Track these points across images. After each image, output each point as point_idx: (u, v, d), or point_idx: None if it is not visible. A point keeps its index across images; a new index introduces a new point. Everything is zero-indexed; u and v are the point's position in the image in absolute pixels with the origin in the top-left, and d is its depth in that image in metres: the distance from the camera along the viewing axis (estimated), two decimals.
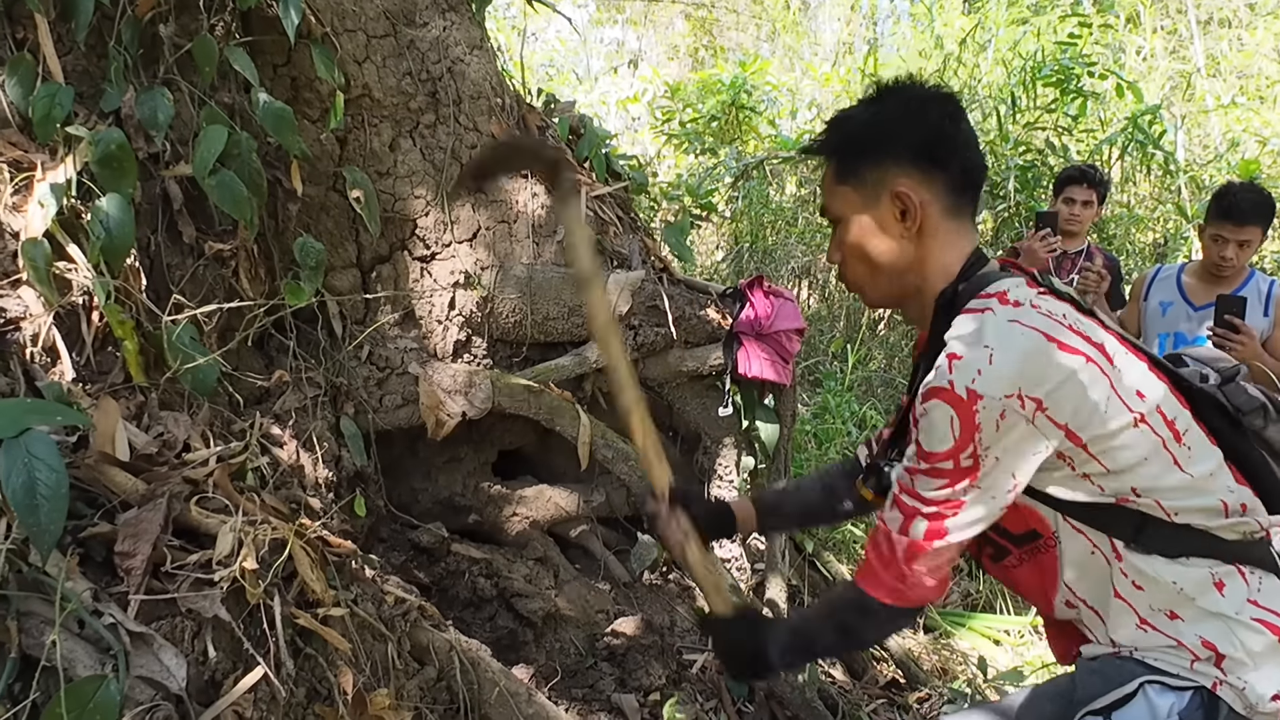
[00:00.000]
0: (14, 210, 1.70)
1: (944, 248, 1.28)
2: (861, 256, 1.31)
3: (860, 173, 1.27)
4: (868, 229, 1.28)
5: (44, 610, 1.28)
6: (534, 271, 2.59)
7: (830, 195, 1.33)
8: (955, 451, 1.14)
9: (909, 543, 1.21)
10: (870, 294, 1.37)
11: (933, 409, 1.15)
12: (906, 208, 1.25)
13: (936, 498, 1.18)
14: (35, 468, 1.28)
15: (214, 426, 1.86)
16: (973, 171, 1.28)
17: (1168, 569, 1.21)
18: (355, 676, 1.60)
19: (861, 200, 1.28)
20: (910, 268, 1.29)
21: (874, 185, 1.26)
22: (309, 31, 2.21)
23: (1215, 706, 1.20)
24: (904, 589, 1.23)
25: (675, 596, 2.95)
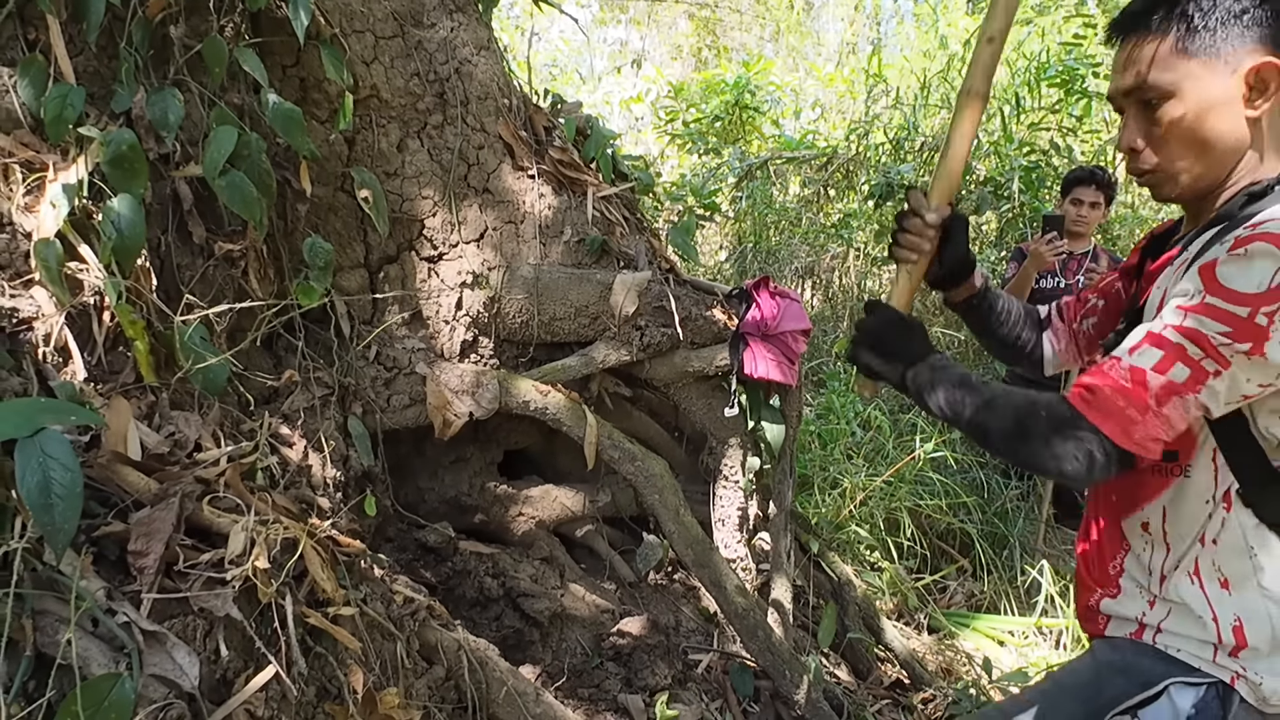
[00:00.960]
0: (26, 211, 1.71)
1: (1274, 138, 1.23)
2: (1192, 135, 1.23)
3: (1216, 44, 1.20)
4: (1212, 105, 1.21)
5: (58, 609, 1.29)
6: (541, 272, 2.59)
7: (1159, 68, 1.23)
8: (1260, 301, 1.06)
9: (1166, 382, 1.11)
10: (1185, 180, 1.28)
11: (1259, 250, 1.07)
12: (1263, 85, 1.18)
13: (1214, 342, 1.09)
14: (50, 467, 1.29)
15: (224, 426, 1.87)
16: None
17: (1257, 534, 1.21)
18: (365, 675, 1.61)
19: (1210, 74, 1.20)
20: (1239, 151, 1.23)
21: (1229, 58, 1.19)
22: (318, 33, 2.22)
23: (1229, 699, 1.23)
24: (1138, 423, 1.12)
25: (681, 596, 2.96)
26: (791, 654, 2.50)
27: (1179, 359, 1.11)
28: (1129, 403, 1.12)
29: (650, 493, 2.54)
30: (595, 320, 2.61)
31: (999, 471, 4.57)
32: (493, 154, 2.61)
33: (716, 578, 2.52)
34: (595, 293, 2.58)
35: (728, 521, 2.83)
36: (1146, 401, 1.12)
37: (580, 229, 2.68)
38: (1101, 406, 1.14)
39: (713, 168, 7.78)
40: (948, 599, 3.91)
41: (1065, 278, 4.26)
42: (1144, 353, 1.14)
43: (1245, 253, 1.08)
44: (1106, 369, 1.17)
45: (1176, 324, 1.13)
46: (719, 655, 2.72)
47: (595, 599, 2.72)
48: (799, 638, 2.85)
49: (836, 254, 7.26)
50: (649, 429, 2.92)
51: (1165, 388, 1.11)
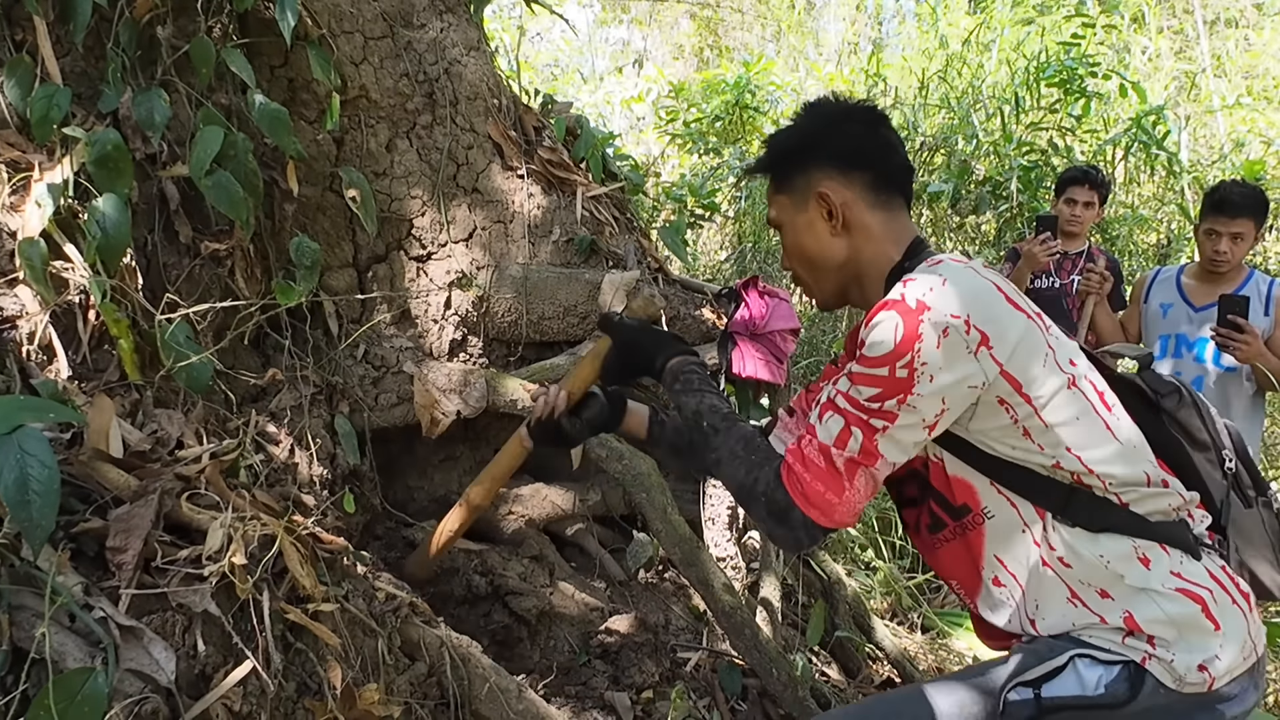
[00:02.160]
0: (11, 210, 1.72)
1: (877, 238, 1.38)
2: (801, 256, 1.43)
3: (791, 180, 1.41)
4: (802, 230, 1.41)
5: (35, 604, 1.30)
6: (529, 271, 2.61)
7: (771, 205, 1.46)
8: (893, 358, 1.18)
9: (848, 457, 1.23)
10: (817, 293, 1.47)
11: (880, 317, 1.20)
12: (830, 207, 1.36)
13: (870, 405, 1.21)
14: (28, 464, 1.30)
15: (209, 424, 1.89)
16: (895, 170, 1.40)
17: (1092, 543, 1.25)
18: (344, 671, 1.62)
19: (794, 205, 1.41)
20: (846, 261, 1.39)
21: (801, 190, 1.39)
22: (306, 33, 2.24)
23: (1141, 679, 1.23)
24: (836, 506, 1.25)
25: (670, 595, 2.97)
26: (779, 652, 2.51)
27: (852, 426, 1.23)
28: (827, 486, 1.25)
29: (638, 491, 2.54)
30: (584, 319, 2.62)
31: None
32: (482, 154, 2.63)
33: (704, 576, 2.53)
34: (584, 292, 2.59)
35: (717, 520, 2.84)
36: (840, 482, 1.24)
37: (569, 229, 2.70)
38: (808, 497, 1.26)
39: (713, 167, 7.78)
40: (942, 599, 3.91)
41: (1060, 278, 4.26)
42: (826, 423, 1.26)
43: (872, 323, 1.21)
44: (805, 445, 1.28)
45: (843, 391, 1.25)
46: (708, 653, 2.72)
47: (584, 597, 2.72)
48: (788, 636, 2.86)
49: None
50: None
51: (849, 463, 1.24)
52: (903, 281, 1.22)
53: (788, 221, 1.43)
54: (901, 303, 1.19)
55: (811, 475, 1.26)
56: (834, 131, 1.39)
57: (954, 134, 6.68)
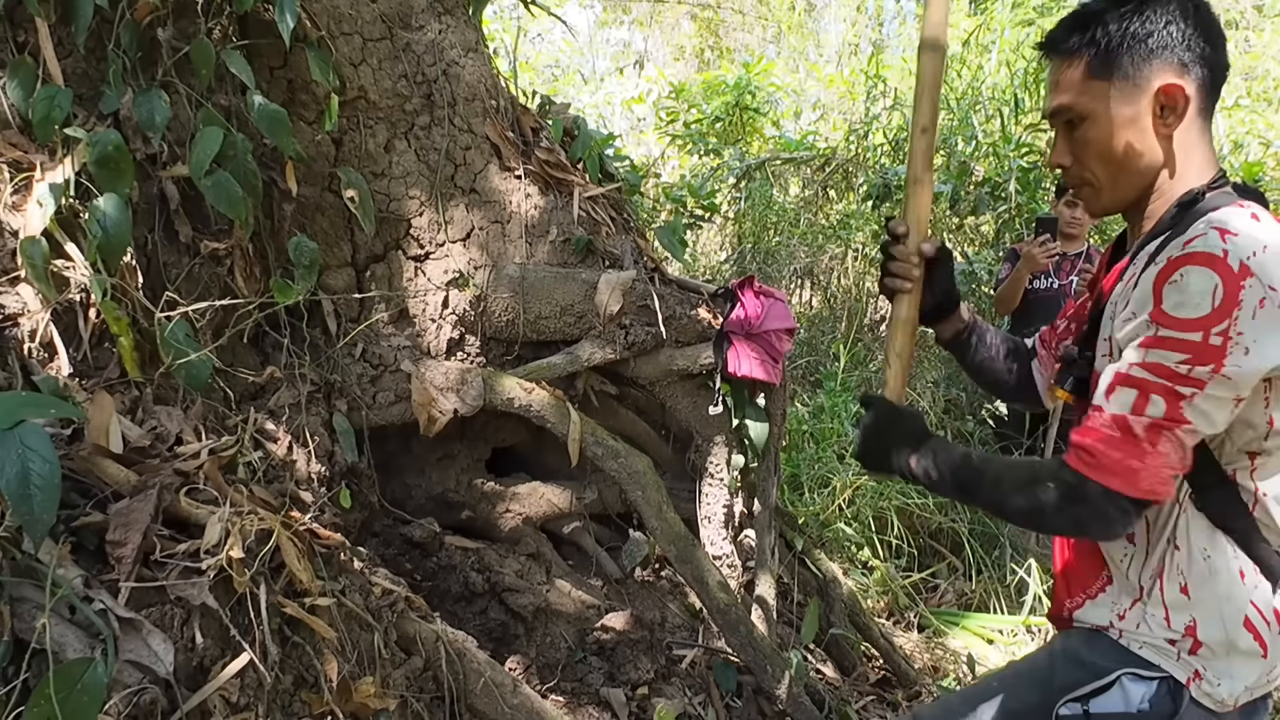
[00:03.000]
0: (13, 209, 1.75)
1: (1194, 149, 1.28)
2: (1110, 155, 1.29)
3: (1124, 67, 1.25)
4: (1125, 123, 1.26)
5: (36, 596, 1.32)
6: (527, 271, 2.63)
7: (1075, 91, 1.29)
8: (1208, 323, 1.09)
9: (1149, 421, 1.14)
10: (1107, 196, 1.34)
11: (1192, 274, 1.10)
12: (1171, 104, 1.24)
13: (1178, 370, 1.12)
14: (29, 458, 1.32)
15: (207, 421, 1.91)
16: (1224, 71, 1.28)
17: (1209, 536, 1.24)
18: (341, 664, 1.65)
19: (1121, 95, 1.26)
20: (1158, 166, 1.28)
21: (1138, 80, 1.25)
22: (305, 35, 2.26)
23: (1180, 695, 1.26)
24: (1140, 471, 1.14)
25: (666, 593, 2.99)
26: (773, 649, 2.53)
27: (1152, 393, 1.14)
28: (1125, 453, 1.15)
29: (633, 489, 2.57)
30: (581, 319, 2.64)
31: None
32: (480, 154, 2.65)
33: (699, 573, 2.55)
34: (580, 292, 2.61)
35: (713, 519, 2.86)
36: (1141, 446, 1.14)
37: (566, 229, 2.72)
38: (1102, 465, 1.16)
39: (713, 168, 7.80)
40: (938, 598, 3.93)
41: (1059, 279, 4.28)
42: (1118, 396, 1.17)
43: (1180, 277, 1.12)
44: (1093, 423, 1.19)
45: (1139, 361, 1.16)
46: (703, 651, 2.74)
47: (580, 594, 2.75)
48: (783, 634, 2.88)
49: (835, 255, 7.28)
50: (635, 427, 2.95)
51: (1150, 428, 1.14)
52: (1219, 232, 1.11)
53: (1099, 112, 1.27)
54: (1223, 261, 1.08)
55: (1105, 445, 1.16)
56: (1183, 18, 1.24)
57: (953, 135, 6.70)
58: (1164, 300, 1.13)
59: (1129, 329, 1.20)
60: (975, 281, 6.02)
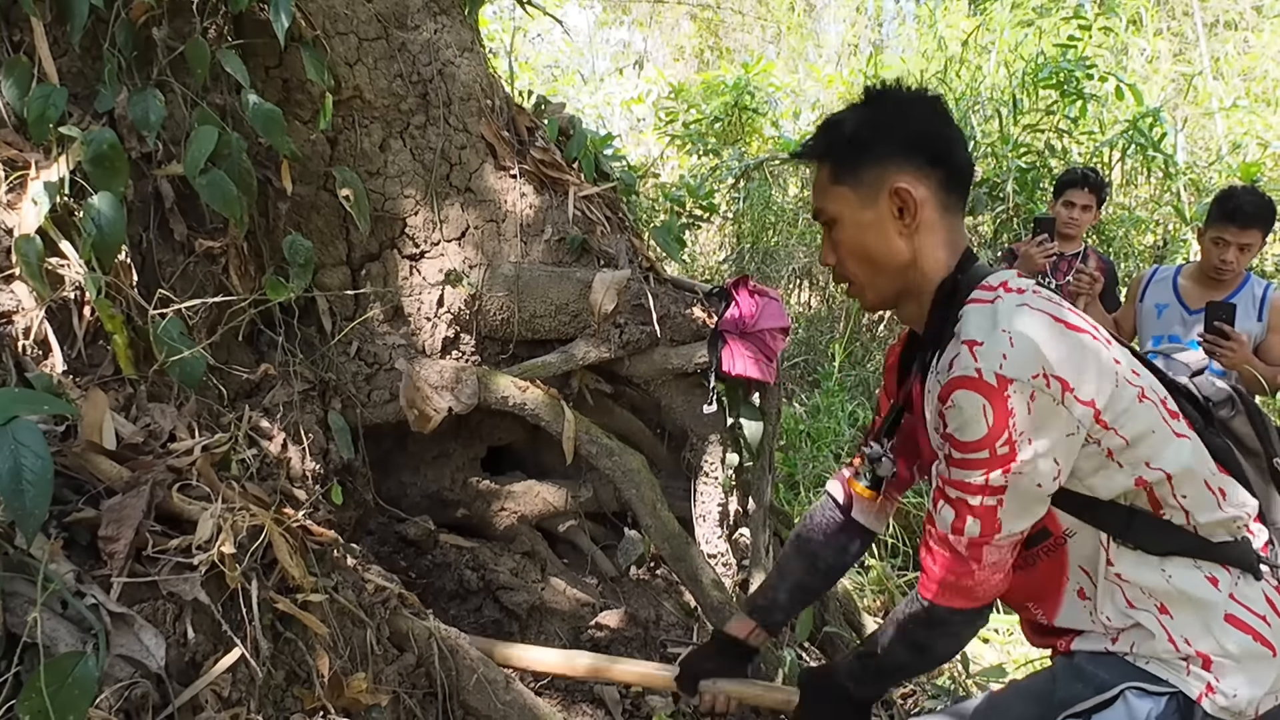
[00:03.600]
0: (8, 207, 1.76)
1: (940, 243, 1.31)
2: (861, 255, 1.33)
3: (858, 172, 1.30)
4: (867, 227, 1.31)
5: (28, 590, 1.33)
6: (521, 270, 2.64)
7: (825, 197, 1.34)
8: (990, 440, 1.15)
9: (968, 540, 1.22)
10: (869, 294, 1.39)
11: (961, 399, 1.16)
12: (905, 204, 1.28)
13: (979, 484, 1.19)
14: (21, 454, 1.33)
15: (201, 419, 1.92)
16: (964, 169, 1.33)
17: (1156, 565, 1.25)
18: (333, 660, 1.65)
19: (859, 199, 1.30)
20: (909, 264, 1.31)
21: (871, 184, 1.29)
22: (300, 34, 2.27)
23: (1190, 712, 1.23)
24: (974, 587, 1.26)
25: (661, 591, 3.00)
26: (767, 647, 2.54)
27: (965, 513, 1.22)
28: (958, 576, 1.26)
29: (628, 487, 2.58)
30: (575, 318, 2.65)
31: None
32: (475, 154, 2.66)
33: (693, 571, 2.56)
34: (575, 291, 2.62)
35: (708, 517, 2.87)
36: (968, 565, 1.25)
37: (561, 228, 2.73)
38: (943, 589, 1.28)
39: (712, 168, 7.81)
40: None
41: (1056, 279, 4.28)
42: (941, 512, 1.26)
43: (953, 403, 1.18)
44: (929, 541, 1.29)
45: (948, 479, 1.24)
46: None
47: (575, 593, 2.76)
48: None
49: None
50: (630, 425, 2.96)
51: (970, 545, 1.23)
52: (968, 348, 1.17)
53: (847, 217, 1.32)
54: (980, 380, 1.15)
55: (940, 567, 1.27)
56: (911, 121, 1.30)
57: None
58: (948, 424, 1.20)
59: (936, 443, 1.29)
60: None
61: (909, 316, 1.41)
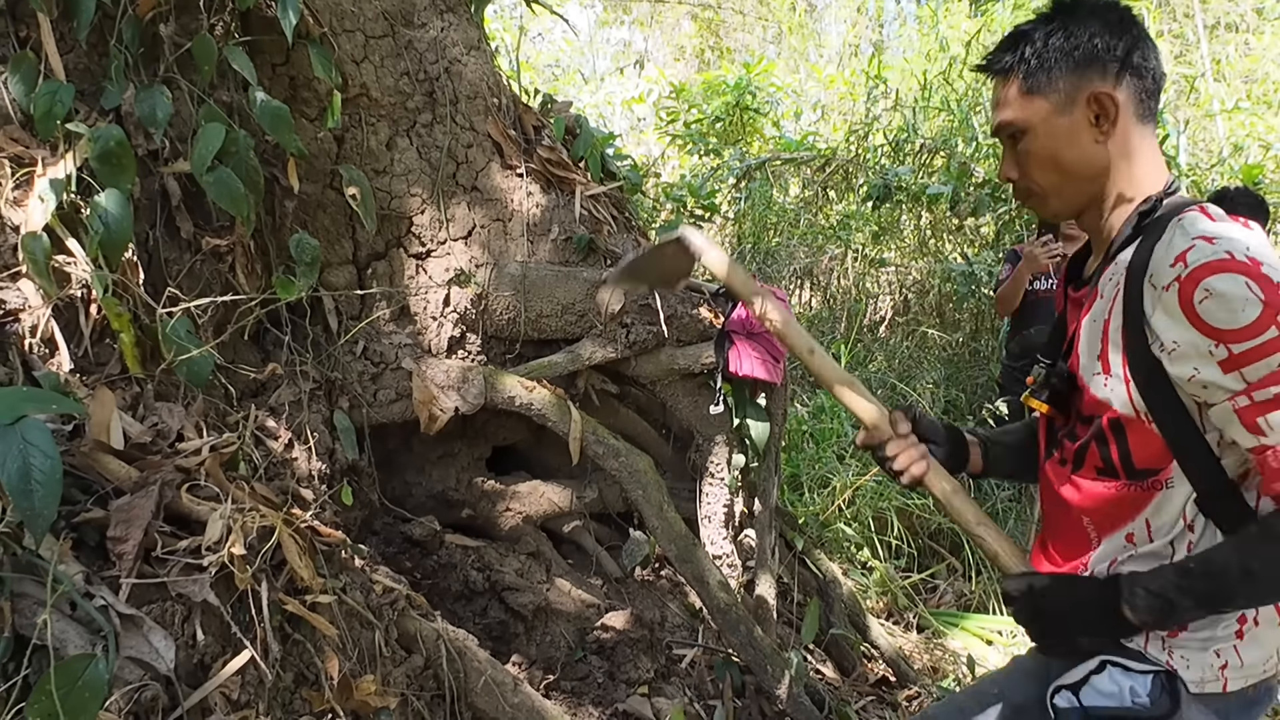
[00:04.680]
0: (15, 205, 1.74)
1: (1138, 155, 1.30)
2: (1052, 164, 1.32)
3: (1054, 80, 1.29)
4: (1061, 134, 1.30)
5: (37, 592, 1.32)
6: (528, 270, 2.62)
7: (1014, 108, 1.33)
8: (1270, 315, 1.07)
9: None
10: (1054, 203, 1.37)
11: (1219, 284, 1.09)
12: (1104, 110, 1.27)
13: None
14: (30, 454, 1.32)
15: (208, 418, 1.91)
16: (1158, 79, 1.31)
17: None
18: (341, 662, 1.64)
19: (1053, 108, 1.30)
20: (1102, 173, 1.31)
21: (1068, 91, 1.28)
22: (307, 32, 2.25)
23: (1175, 687, 1.24)
24: None
25: (666, 592, 2.99)
26: (773, 649, 2.53)
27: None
28: None
29: (634, 488, 2.56)
30: (582, 318, 2.63)
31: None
32: (481, 152, 2.65)
33: (699, 573, 2.55)
34: (582, 290, 2.61)
35: (714, 518, 2.86)
36: None
37: (568, 227, 2.71)
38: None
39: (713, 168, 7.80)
40: (938, 598, 3.92)
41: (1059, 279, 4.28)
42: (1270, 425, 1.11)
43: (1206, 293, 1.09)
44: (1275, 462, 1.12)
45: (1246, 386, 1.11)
46: (703, 650, 2.74)
47: (580, 594, 2.74)
48: (783, 634, 2.88)
49: (835, 255, 7.28)
50: (636, 426, 2.94)
51: None
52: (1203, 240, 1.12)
53: (1039, 125, 1.31)
54: (1233, 260, 1.09)
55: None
56: (1108, 29, 1.28)
57: (954, 136, 6.70)
58: (1209, 320, 1.10)
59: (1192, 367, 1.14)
60: (975, 283, 6.02)
61: (1093, 225, 1.38)
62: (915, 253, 7.35)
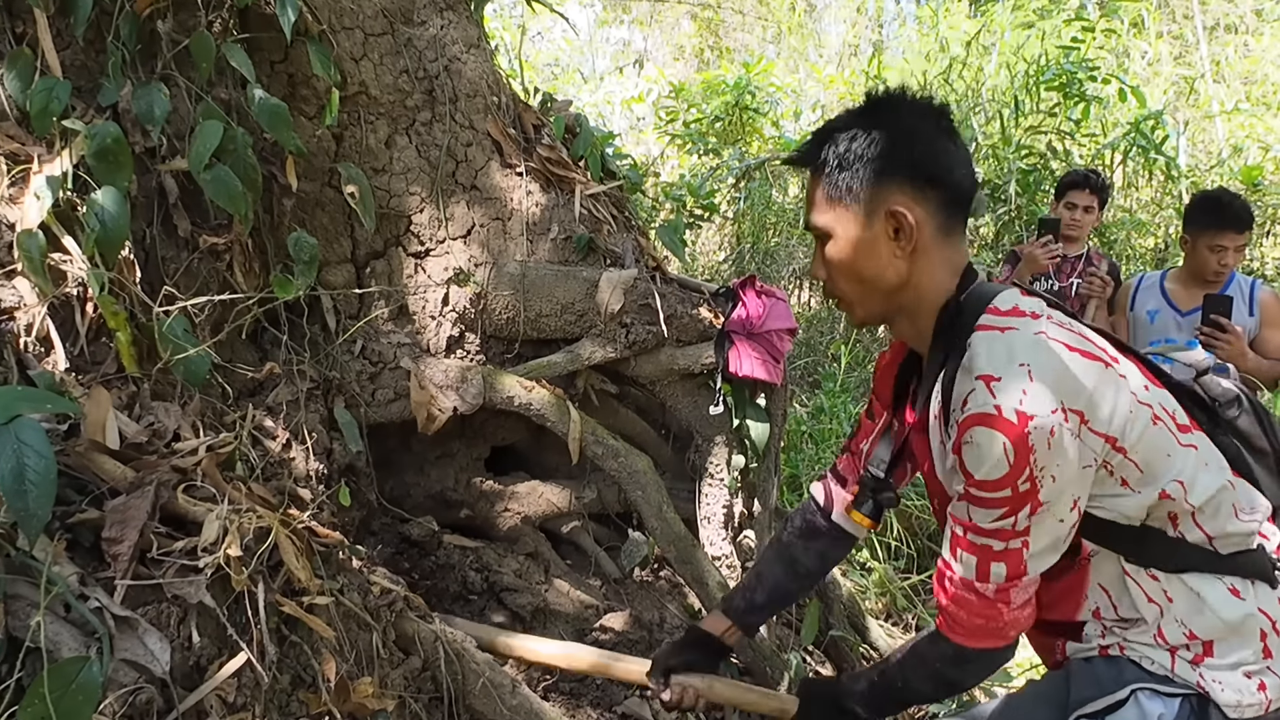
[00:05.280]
0: (10, 202, 1.73)
1: (937, 265, 1.27)
2: (852, 274, 1.28)
3: (853, 189, 1.24)
4: (859, 247, 1.25)
5: (30, 593, 1.30)
6: (527, 269, 2.61)
7: (818, 210, 1.29)
8: (1012, 478, 1.12)
9: (995, 586, 1.20)
10: (858, 311, 1.35)
11: (980, 437, 1.13)
12: (901, 226, 1.22)
13: (1002, 528, 1.17)
14: (24, 454, 1.30)
15: (205, 417, 1.89)
16: (964, 189, 1.26)
17: (1175, 580, 1.24)
18: (339, 664, 1.63)
19: (852, 217, 1.25)
20: (902, 286, 1.27)
21: (866, 202, 1.24)
22: (306, 29, 2.24)
23: (1205, 711, 1.22)
24: (1004, 627, 1.24)
25: (665, 593, 2.97)
26: (773, 650, 2.52)
27: (990, 559, 1.20)
28: (986, 618, 1.24)
29: (634, 489, 2.55)
30: (581, 317, 2.62)
31: None
32: (481, 151, 2.63)
33: (699, 574, 2.54)
34: (581, 290, 2.60)
35: (713, 519, 2.84)
36: (996, 607, 1.22)
37: (567, 226, 2.70)
38: (971, 633, 1.25)
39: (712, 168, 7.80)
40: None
41: (1059, 281, 4.27)
42: (963, 560, 1.23)
43: (970, 439, 1.14)
44: (950, 587, 1.26)
45: (968, 522, 1.21)
46: None
47: (579, 594, 2.73)
48: (782, 635, 2.86)
49: None
50: (635, 426, 2.93)
51: (998, 590, 1.21)
52: (984, 383, 1.13)
53: (840, 234, 1.27)
54: (999, 418, 1.11)
55: (967, 613, 1.24)
56: (912, 139, 1.23)
57: None
58: (965, 463, 1.16)
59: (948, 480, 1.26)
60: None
61: (904, 333, 1.38)
62: None
